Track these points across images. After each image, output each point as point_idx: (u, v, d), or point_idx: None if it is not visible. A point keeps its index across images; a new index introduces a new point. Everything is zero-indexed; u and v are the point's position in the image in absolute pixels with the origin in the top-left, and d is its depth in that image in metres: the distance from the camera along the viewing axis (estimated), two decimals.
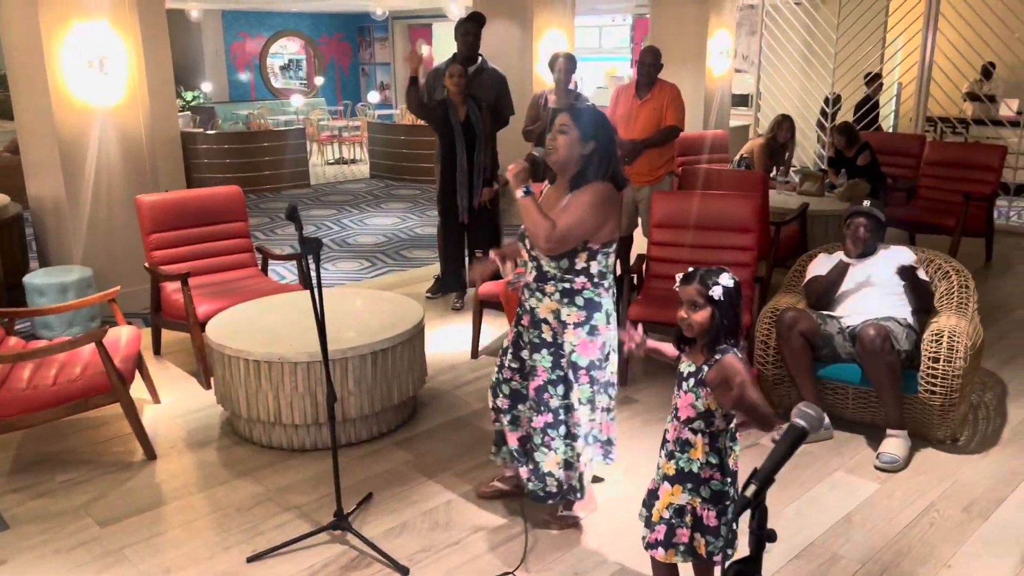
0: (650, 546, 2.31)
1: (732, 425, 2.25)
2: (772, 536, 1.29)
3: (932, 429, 3.60)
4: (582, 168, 2.76)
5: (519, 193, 2.72)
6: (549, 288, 2.83)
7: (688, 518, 2.26)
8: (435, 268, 6.38)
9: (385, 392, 3.72)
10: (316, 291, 2.75)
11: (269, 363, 3.51)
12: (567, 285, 2.80)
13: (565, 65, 5.53)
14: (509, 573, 2.80)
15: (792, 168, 7.66)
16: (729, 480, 2.27)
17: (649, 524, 2.32)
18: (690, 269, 2.31)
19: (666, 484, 2.29)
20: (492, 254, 3.07)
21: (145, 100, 5.44)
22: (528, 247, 2.86)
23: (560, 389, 2.87)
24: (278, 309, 4.08)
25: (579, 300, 2.81)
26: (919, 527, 3.05)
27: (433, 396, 4.25)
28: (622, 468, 3.49)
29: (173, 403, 4.17)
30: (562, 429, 2.90)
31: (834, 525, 3.07)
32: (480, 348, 4.79)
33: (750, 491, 1.29)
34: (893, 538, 2.99)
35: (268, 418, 3.59)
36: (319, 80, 17.52)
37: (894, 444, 3.51)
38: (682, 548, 2.27)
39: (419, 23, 17.22)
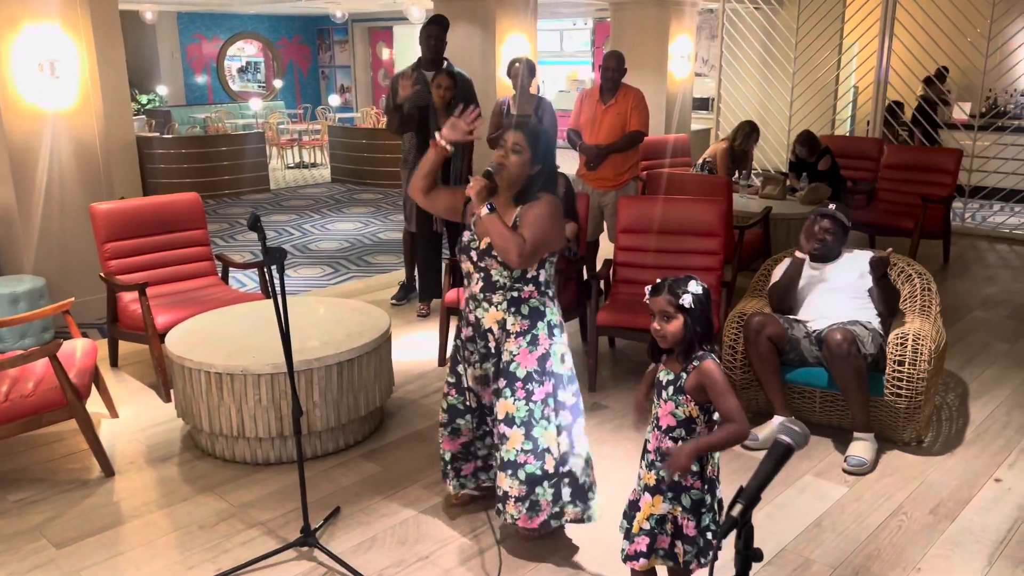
0: (629, 558, 2.29)
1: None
2: (759, 556, 1.27)
3: (898, 431, 3.64)
4: (527, 185, 2.80)
5: (484, 210, 2.71)
6: (497, 298, 2.81)
7: (669, 526, 2.25)
8: (400, 274, 6.31)
9: (352, 403, 3.65)
10: (280, 303, 2.68)
11: (231, 375, 3.42)
12: (515, 294, 2.80)
13: (524, 71, 5.51)
14: None
15: (754, 172, 7.73)
16: (707, 487, 2.26)
17: (629, 536, 2.30)
18: (658, 280, 2.30)
19: (647, 495, 2.27)
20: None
21: (98, 104, 5.30)
22: (476, 258, 2.83)
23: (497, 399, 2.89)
24: (240, 319, 3.98)
25: (524, 309, 2.80)
26: (888, 530, 3.08)
27: (400, 406, 4.19)
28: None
29: (132, 417, 4.05)
30: (496, 439, 2.90)
31: (805, 530, 3.08)
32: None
33: (736, 511, 1.27)
34: (863, 542, 3.00)
35: (231, 432, 3.50)
36: (278, 83, 17.29)
37: (861, 447, 3.53)
38: (662, 552, 2.26)
39: (379, 26, 17.10)
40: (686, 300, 2.20)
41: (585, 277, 4.85)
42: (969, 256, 7.06)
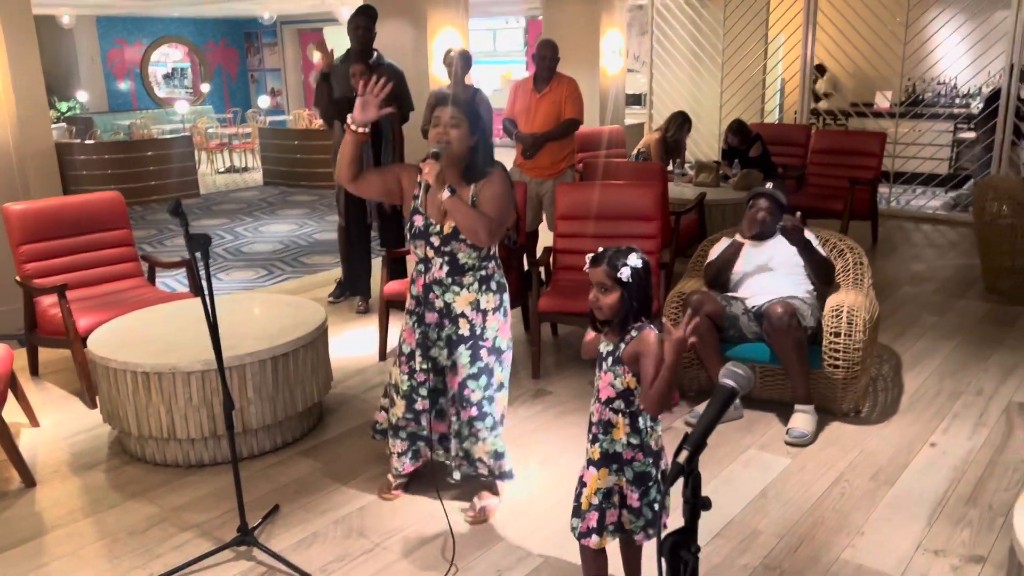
0: (583, 535, 2.24)
1: None
2: (707, 504, 1.24)
3: (837, 402, 3.69)
4: (471, 159, 2.76)
5: (445, 194, 2.65)
6: (467, 279, 2.80)
7: (615, 498, 2.21)
8: (336, 272, 6.18)
9: (288, 399, 3.53)
10: (207, 290, 2.56)
11: (159, 374, 3.27)
12: (483, 272, 2.82)
13: (459, 61, 5.46)
14: None
15: (688, 163, 7.82)
16: (651, 460, 2.23)
17: (579, 513, 2.25)
18: (600, 249, 2.25)
19: (592, 469, 2.24)
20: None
21: (11, 110, 5.06)
22: (437, 244, 2.77)
23: (482, 381, 2.86)
24: (167, 318, 3.83)
25: (493, 285, 2.85)
26: (831, 497, 3.11)
27: (340, 402, 4.08)
28: (538, 460, 3.42)
29: (54, 426, 3.85)
30: (488, 420, 2.89)
31: (751, 501, 3.09)
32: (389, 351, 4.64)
33: (682, 457, 1.24)
34: (808, 510, 3.03)
35: (161, 434, 3.35)
36: (205, 87, 16.86)
37: (802, 419, 3.57)
38: (611, 528, 2.23)
39: (309, 27, 16.82)
40: (624, 273, 2.16)
41: (526, 267, 4.82)
42: (896, 236, 7.27)
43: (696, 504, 1.22)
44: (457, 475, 2.96)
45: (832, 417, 3.73)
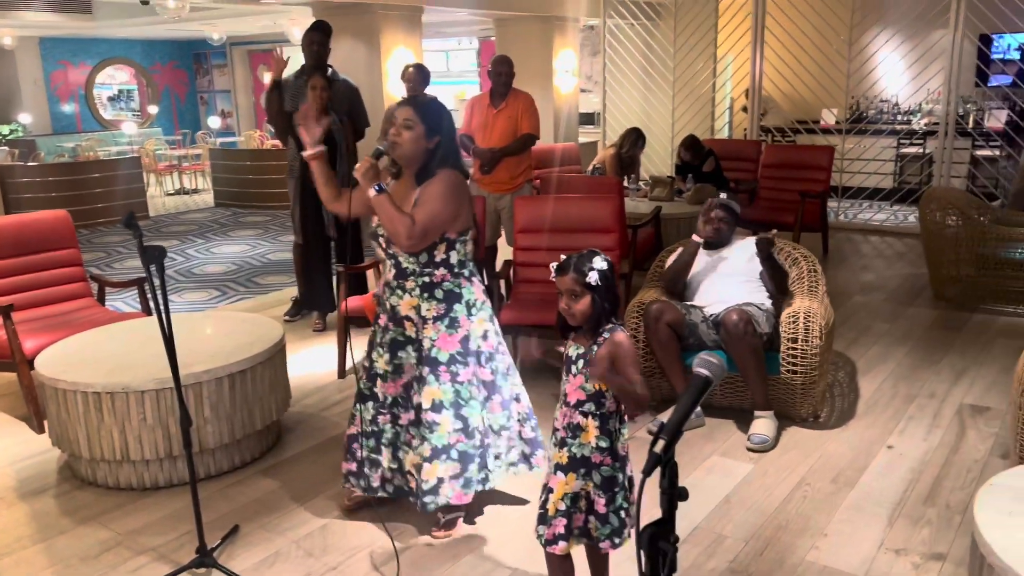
0: (549, 542, 2.22)
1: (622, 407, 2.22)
2: (684, 494, 1.24)
3: (796, 408, 3.74)
4: (426, 161, 2.73)
5: (372, 191, 2.63)
6: (409, 284, 2.77)
7: (583, 503, 2.20)
8: (292, 291, 6.09)
9: (246, 417, 3.45)
10: (162, 303, 2.50)
11: (112, 394, 3.17)
12: (426, 279, 2.76)
13: (416, 75, 5.46)
14: None
15: (642, 180, 7.91)
16: (619, 465, 2.22)
17: (546, 520, 2.23)
18: (563, 257, 2.26)
19: (560, 474, 2.22)
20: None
21: None
22: (384, 245, 2.76)
23: (418, 387, 2.84)
24: (119, 338, 3.72)
25: (438, 293, 2.77)
26: (794, 501, 3.14)
27: (299, 420, 4.00)
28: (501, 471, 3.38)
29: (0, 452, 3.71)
30: (421, 429, 2.83)
31: (715, 507, 3.10)
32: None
33: (659, 446, 1.23)
34: (771, 514, 3.05)
35: (113, 456, 3.24)
36: (153, 109, 16.57)
37: (763, 425, 3.61)
38: (577, 532, 2.21)
39: (260, 48, 16.68)
40: (592, 278, 2.18)
41: (485, 282, 4.80)
42: (846, 248, 7.44)
43: (673, 494, 1.22)
44: (391, 490, 2.93)
45: (791, 422, 3.78)
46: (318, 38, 5.14)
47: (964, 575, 2.64)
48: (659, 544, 1.22)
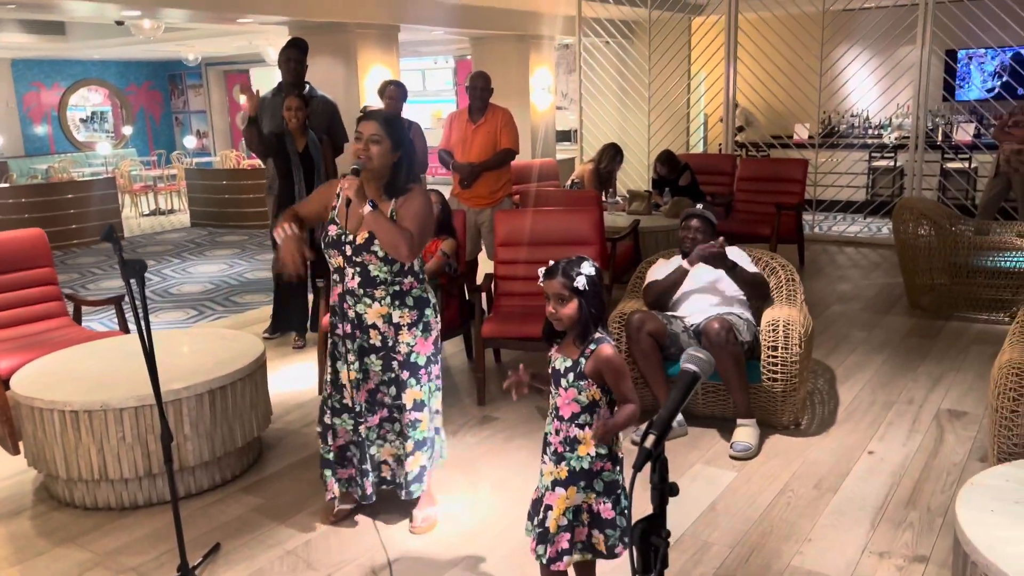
0: (552, 560, 2.18)
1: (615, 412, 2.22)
2: (675, 490, 1.24)
3: (777, 415, 3.77)
4: (393, 174, 2.78)
5: (366, 208, 2.66)
6: (379, 293, 2.80)
7: (585, 516, 2.18)
8: (270, 309, 6.04)
9: (227, 434, 3.41)
10: (143, 319, 2.47)
11: (90, 412, 3.13)
12: (397, 288, 2.81)
13: (395, 92, 5.48)
14: None
15: (620, 196, 7.97)
16: (619, 468, 2.23)
17: (547, 539, 2.19)
18: (551, 262, 2.27)
19: (559, 490, 2.18)
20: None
21: None
22: (349, 253, 2.76)
23: (392, 390, 2.88)
24: (96, 356, 3.67)
25: (409, 300, 2.84)
26: (778, 507, 3.15)
27: (280, 437, 3.97)
28: (489, 485, 3.38)
29: None
30: (396, 426, 2.92)
31: (701, 515, 3.11)
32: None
33: (649, 441, 1.24)
34: (756, 520, 3.06)
35: (92, 475, 3.19)
36: (127, 130, 16.47)
37: (745, 433, 3.63)
38: (580, 545, 2.19)
39: (235, 69, 16.66)
40: (580, 282, 2.18)
41: (467, 296, 4.81)
42: (822, 259, 7.53)
43: (664, 489, 1.23)
44: (370, 490, 2.96)
45: (773, 430, 3.80)
46: (295, 55, 5.15)
47: None
48: (651, 539, 1.22)
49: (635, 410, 2.17)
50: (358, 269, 2.77)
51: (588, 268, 2.20)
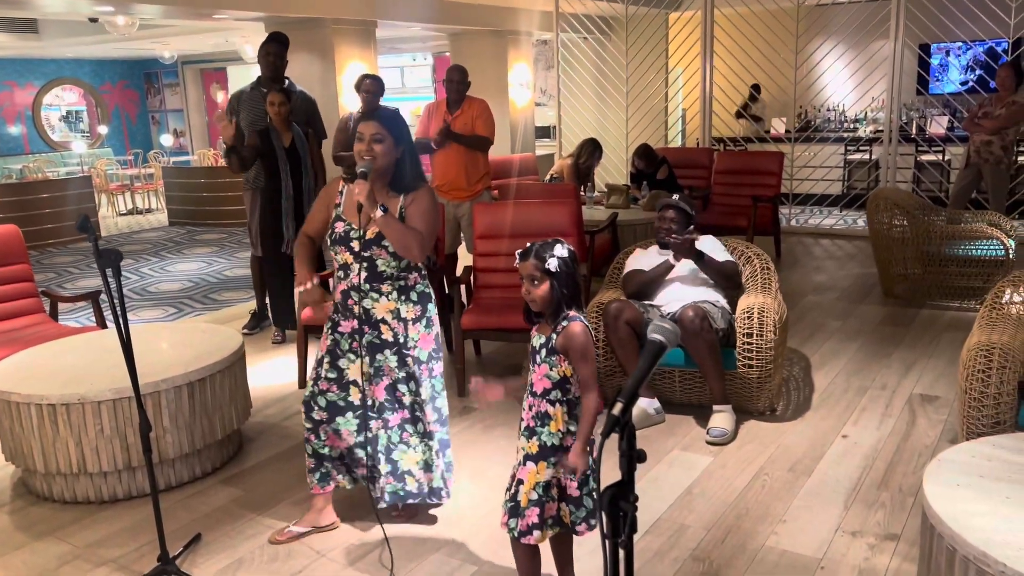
0: (523, 533, 2.24)
1: None
2: (642, 456, 1.28)
3: (753, 401, 3.82)
4: (397, 170, 2.79)
5: (378, 213, 2.67)
6: (386, 288, 2.80)
7: (554, 491, 2.23)
8: (250, 305, 6.04)
9: (206, 426, 3.42)
10: (119, 309, 2.48)
11: (67, 405, 3.12)
12: (403, 283, 2.83)
13: (372, 87, 5.48)
14: None
15: (600, 191, 8.02)
16: (588, 448, 2.26)
17: (519, 512, 2.25)
18: (527, 244, 2.32)
19: (530, 464, 2.24)
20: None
21: None
22: (357, 248, 2.77)
23: (412, 386, 2.85)
24: (74, 350, 3.66)
25: (413, 295, 2.85)
26: (753, 490, 3.20)
27: (260, 430, 3.97)
28: (467, 475, 3.40)
29: None
30: (420, 426, 2.89)
31: (677, 499, 3.15)
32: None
33: (617, 409, 1.27)
34: (732, 503, 3.11)
35: (70, 469, 3.19)
36: (103, 130, 16.31)
37: (721, 419, 3.68)
38: (550, 521, 2.24)
39: (212, 67, 16.55)
40: (552, 264, 2.23)
41: (446, 289, 4.83)
42: (798, 251, 7.62)
43: (632, 456, 1.26)
44: (387, 497, 2.89)
45: (749, 416, 3.86)
46: (275, 49, 5.14)
47: (917, 553, 2.71)
48: (620, 504, 1.25)
49: (597, 403, 2.21)
50: (365, 264, 2.77)
51: (560, 250, 2.24)
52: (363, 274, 2.78)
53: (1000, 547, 1.85)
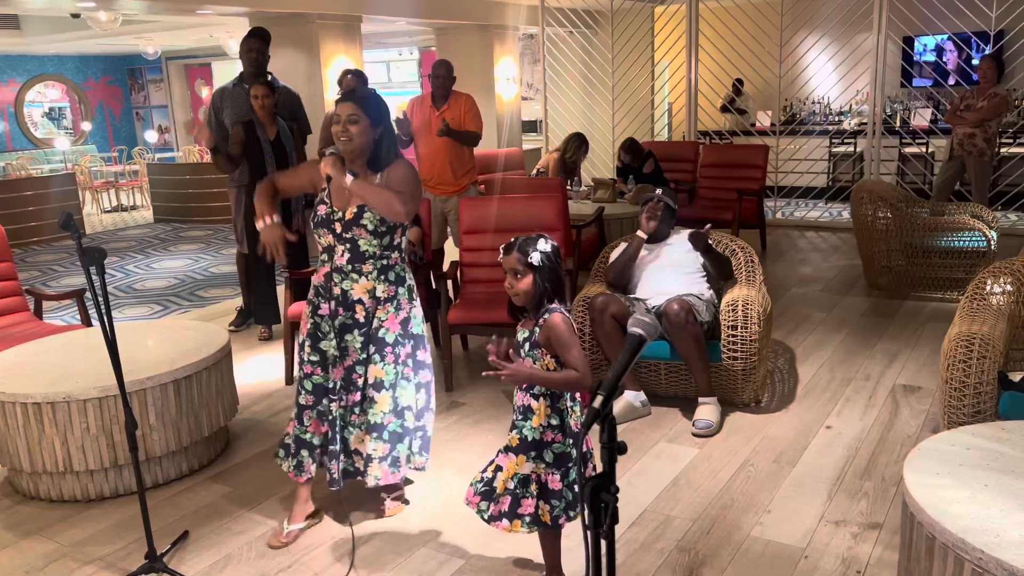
0: (493, 518, 2.27)
1: None
2: (623, 448, 1.29)
3: (737, 393, 3.85)
4: (375, 151, 2.80)
5: (348, 179, 2.69)
6: (367, 267, 2.81)
7: (533, 487, 2.25)
8: (236, 302, 6.03)
9: (193, 424, 3.42)
10: (104, 307, 2.47)
11: (53, 404, 3.11)
12: (384, 262, 2.84)
13: (353, 82, 5.46)
14: None
15: (587, 185, 8.04)
16: (570, 442, 2.28)
17: (492, 497, 2.28)
18: (512, 239, 2.33)
19: (510, 455, 2.27)
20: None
21: None
22: (339, 230, 2.78)
23: (370, 368, 2.86)
24: (59, 349, 3.65)
25: (391, 276, 2.86)
26: (738, 481, 3.23)
27: (248, 427, 3.97)
28: (455, 470, 3.42)
29: None
30: (370, 415, 2.88)
31: (663, 490, 3.18)
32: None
33: (597, 402, 1.28)
34: (717, 494, 3.14)
35: (56, 467, 3.18)
36: (87, 126, 16.18)
37: (707, 411, 3.71)
38: (528, 519, 2.25)
39: (196, 63, 16.45)
40: (534, 258, 2.25)
41: (433, 284, 4.83)
42: (783, 243, 7.66)
43: (613, 447, 1.27)
44: (340, 477, 2.87)
45: (734, 408, 3.89)
46: (257, 44, 5.12)
47: (899, 541, 2.75)
48: (601, 495, 1.27)
49: (577, 377, 2.20)
50: (348, 246, 2.78)
51: (543, 245, 2.26)
52: (346, 256, 2.79)
53: (977, 534, 1.88)
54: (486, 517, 2.29)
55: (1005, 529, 1.89)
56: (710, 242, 3.96)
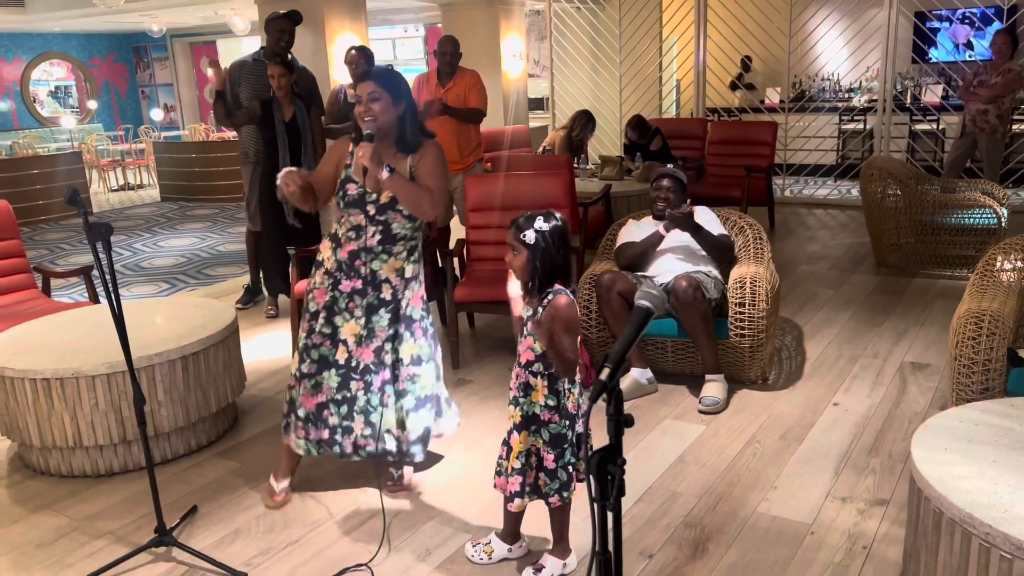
0: (507, 499, 2.31)
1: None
2: (630, 421, 1.29)
3: (745, 371, 3.85)
4: (401, 129, 2.77)
5: (384, 174, 2.64)
6: (397, 248, 2.83)
7: (533, 460, 2.27)
8: (243, 280, 6.03)
9: (201, 400, 3.43)
10: (111, 283, 2.47)
11: (62, 380, 3.13)
12: (413, 243, 2.88)
13: (358, 57, 5.42)
14: (362, 565, 2.65)
15: (594, 163, 8.00)
16: (567, 423, 2.28)
17: (503, 475, 2.31)
18: (521, 214, 2.33)
19: (515, 433, 2.28)
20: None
21: None
22: (372, 212, 2.77)
23: (396, 344, 2.90)
24: (67, 325, 3.66)
25: (415, 255, 2.92)
26: (745, 457, 3.23)
27: (255, 403, 3.99)
28: (463, 445, 3.43)
29: None
30: (398, 386, 2.91)
31: (670, 467, 3.18)
32: None
33: (604, 374, 1.28)
34: (723, 470, 3.14)
35: (66, 443, 3.20)
36: (92, 105, 16.16)
37: (714, 388, 3.70)
38: (528, 488, 2.28)
39: (201, 40, 16.37)
40: (528, 236, 2.25)
41: (439, 262, 4.83)
42: (792, 221, 7.62)
43: (619, 420, 1.27)
44: (364, 454, 2.88)
45: (741, 385, 3.88)
46: (287, 26, 5.05)
47: (905, 517, 2.75)
48: (608, 467, 1.27)
49: (571, 357, 2.21)
50: (380, 227, 2.78)
51: (541, 223, 2.24)
52: (377, 236, 2.79)
53: (985, 509, 1.87)
54: (505, 496, 2.33)
55: (1013, 504, 1.89)
56: (712, 220, 3.93)
